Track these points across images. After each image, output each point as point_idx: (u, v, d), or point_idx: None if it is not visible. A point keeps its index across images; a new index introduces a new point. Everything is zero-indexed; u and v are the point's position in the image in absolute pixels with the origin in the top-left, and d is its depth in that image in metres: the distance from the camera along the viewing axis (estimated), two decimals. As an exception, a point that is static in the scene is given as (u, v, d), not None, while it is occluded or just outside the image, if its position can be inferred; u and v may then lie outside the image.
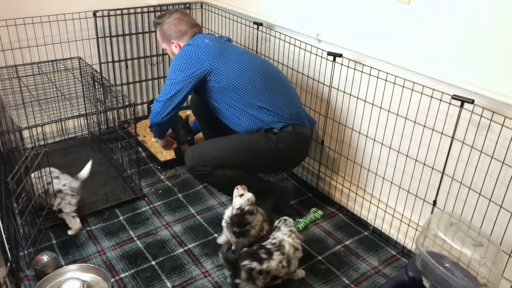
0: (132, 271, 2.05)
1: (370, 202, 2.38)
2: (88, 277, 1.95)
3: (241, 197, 2.03)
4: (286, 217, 2.09)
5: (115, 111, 2.53)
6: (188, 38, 2.41)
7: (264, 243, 1.96)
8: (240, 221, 2.02)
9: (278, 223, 2.07)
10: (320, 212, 2.47)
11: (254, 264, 1.83)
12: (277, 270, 1.88)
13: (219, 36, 2.49)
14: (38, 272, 1.96)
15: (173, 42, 2.44)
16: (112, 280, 1.99)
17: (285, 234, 1.98)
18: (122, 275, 2.02)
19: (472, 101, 1.79)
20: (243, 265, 1.83)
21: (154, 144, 3.03)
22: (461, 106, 1.84)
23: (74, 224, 2.24)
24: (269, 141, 2.22)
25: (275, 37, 2.69)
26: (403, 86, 2.06)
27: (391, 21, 2.09)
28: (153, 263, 2.10)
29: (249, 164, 2.25)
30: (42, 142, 2.08)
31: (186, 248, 2.20)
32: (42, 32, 2.75)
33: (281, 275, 1.91)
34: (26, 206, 2.10)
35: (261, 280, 1.86)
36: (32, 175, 2.10)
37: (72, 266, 1.99)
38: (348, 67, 2.30)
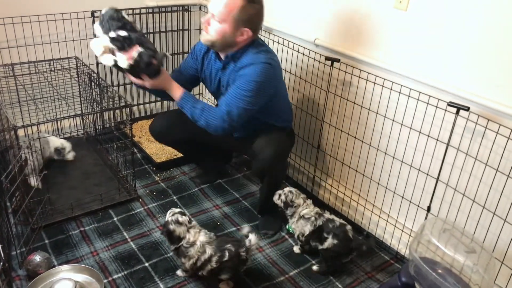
0: (125, 272, 2.04)
1: (365, 207, 2.38)
2: (81, 277, 1.94)
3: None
4: (289, 189, 2.21)
5: (111, 112, 2.53)
6: (255, 37, 2.16)
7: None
8: (168, 233, 1.92)
9: (291, 198, 2.18)
10: (314, 216, 2.47)
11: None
12: None
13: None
14: (30, 272, 1.95)
15: (245, 30, 2.05)
16: (105, 281, 1.98)
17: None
18: (115, 276, 2.02)
19: (467, 108, 1.80)
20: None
21: (149, 146, 3.02)
22: (457, 113, 1.85)
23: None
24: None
25: (273, 40, 2.70)
26: (400, 92, 2.07)
27: (388, 27, 2.11)
28: (147, 264, 2.10)
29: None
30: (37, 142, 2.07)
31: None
32: (39, 31, 2.74)
33: None
34: (19, 205, 2.09)
35: None
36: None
37: (65, 267, 1.98)
38: (345, 72, 2.31)
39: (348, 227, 2.09)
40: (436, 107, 1.94)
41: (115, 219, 2.37)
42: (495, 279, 1.83)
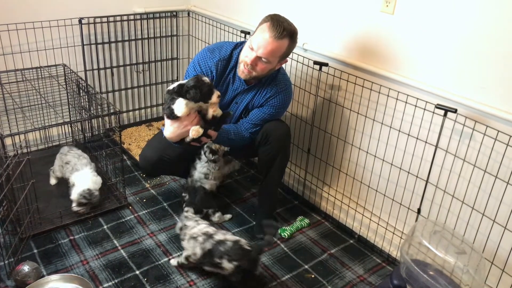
0: (116, 280, 2.02)
1: (356, 210, 2.39)
2: (71, 287, 1.92)
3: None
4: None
5: (100, 119, 2.51)
6: None
7: None
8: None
9: (184, 223, 2.12)
10: (306, 221, 2.47)
11: None
12: None
13: None
14: (18, 282, 1.92)
15: (285, 60, 2.15)
16: (95, 290, 1.96)
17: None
18: (106, 285, 1.99)
19: (455, 110, 1.82)
20: None
21: (139, 152, 3.00)
22: (445, 115, 1.87)
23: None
24: None
25: (261, 46, 2.70)
26: (388, 95, 2.09)
27: (376, 31, 2.12)
28: (137, 272, 2.08)
29: None
30: (24, 150, 2.05)
31: (171, 257, 2.18)
32: (26, 38, 2.72)
33: None
34: (7, 215, 2.06)
35: None
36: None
37: (54, 276, 1.95)
38: (334, 76, 2.33)
39: (242, 241, 1.96)
40: (424, 109, 1.95)
41: (105, 227, 2.35)
42: (485, 279, 1.84)
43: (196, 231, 2.02)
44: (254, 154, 2.36)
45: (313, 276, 2.12)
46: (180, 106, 1.92)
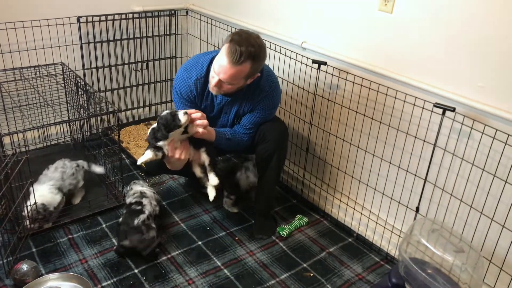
0: (115, 279, 2.02)
1: (354, 208, 2.39)
2: (69, 286, 1.92)
3: None
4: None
5: (99, 118, 2.51)
6: None
7: None
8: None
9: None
10: (305, 219, 2.47)
11: None
12: None
13: None
14: (17, 281, 1.92)
15: (256, 75, 2.08)
16: (94, 289, 1.96)
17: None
18: (104, 284, 1.99)
19: (453, 109, 1.82)
20: None
21: (137, 151, 3.00)
22: (443, 114, 1.87)
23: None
24: None
25: (260, 44, 2.70)
26: (386, 94, 2.09)
27: (374, 30, 2.12)
28: (136, 271, 2.08)
29: None
30: (23, 149, 2.05)
31: (169, 256, 2.18)
32: (24, 37, 2.71)
33: None
34: (5, 214, 2.06)
35: None
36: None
37: (53, 275, 1.95)
38: (332, 74, 2.33)
39: (144, 216, 2.13)
40: (423, 108, 1.96)
41: (103, 225, 2.35)
42: (483, 278, 1.85)
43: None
44: (252, 151, 2.36)
45: (311, 274, 2.13)
46: (141, 158, 2.08)
